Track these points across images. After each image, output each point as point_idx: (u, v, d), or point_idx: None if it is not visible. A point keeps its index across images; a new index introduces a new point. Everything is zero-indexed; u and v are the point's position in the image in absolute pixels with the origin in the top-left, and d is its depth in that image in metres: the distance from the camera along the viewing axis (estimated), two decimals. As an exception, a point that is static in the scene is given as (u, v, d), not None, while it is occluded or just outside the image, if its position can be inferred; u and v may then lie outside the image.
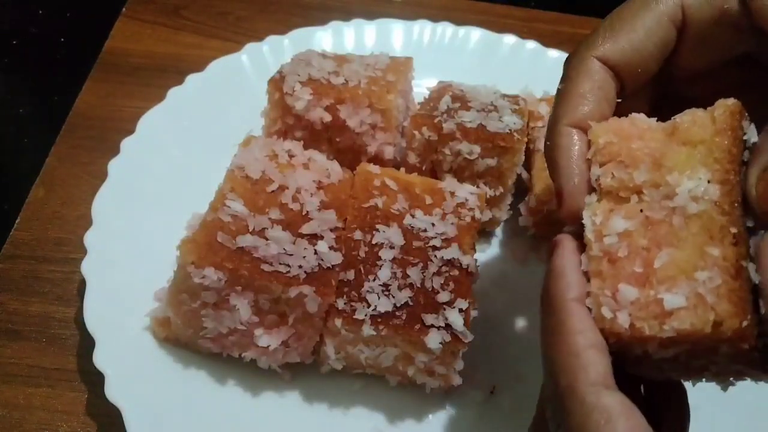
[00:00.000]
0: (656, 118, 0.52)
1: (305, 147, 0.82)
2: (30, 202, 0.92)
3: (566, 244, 0.51)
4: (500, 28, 1.13)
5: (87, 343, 0.73)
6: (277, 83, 0.86)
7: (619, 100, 0.55)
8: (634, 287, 0.47)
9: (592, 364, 0.45)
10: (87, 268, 0.76)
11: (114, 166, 0.86)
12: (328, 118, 0.84)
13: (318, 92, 0.84)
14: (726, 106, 0.49)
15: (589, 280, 0.49)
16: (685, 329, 0.45)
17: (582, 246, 0.51)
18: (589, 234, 0.51)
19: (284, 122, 0.87)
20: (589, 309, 0.48)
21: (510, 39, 1.10)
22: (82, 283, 0.77)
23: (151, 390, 0.71)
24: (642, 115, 0.53)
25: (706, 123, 0.49)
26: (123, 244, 0.80)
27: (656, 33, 0.54)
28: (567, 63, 0.56)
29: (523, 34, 1.11)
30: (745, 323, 0.43)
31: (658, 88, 0.59)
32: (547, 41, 1.12)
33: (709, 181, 0.48)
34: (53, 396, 0.76)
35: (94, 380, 0.72)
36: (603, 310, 0.48)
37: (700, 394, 0.57)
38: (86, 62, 1.08)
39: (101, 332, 0.72)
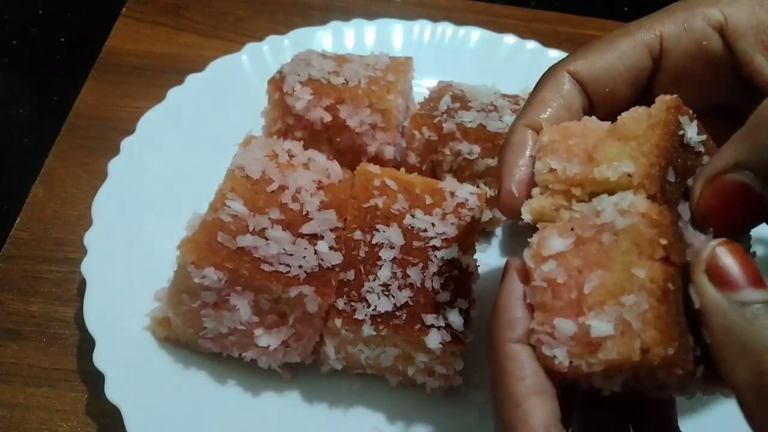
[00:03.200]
0: (611, 122, 0.52)
1: (305, 147, 0.82)
2: (30, 202, 0.92)
3: (511, 273, 0.51)
4: (500, 28, 1.13)
5: (87, 343, 0.73)
6: (277, 83, 0.86)
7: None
8: (570, 320, 0.46)
9: (533, 413, 0.45)
10: (87, 268, 0.76)
11: (114, 166, 0.86)
12: (328, 118, 0.84)
13: (318, 92, 0.84)
14: (664, 101, 0.49)
15: (533, 313, 0.48)
16: (614, 359, 0.43)
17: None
18: (528, 261, 0.49)
19: (284, 122, 0.87)
20: (534, 347, 0.47)
21: (510, 39, 1.10)
22: (82, 283, 0.77)
23: (151, 390, 0.71)
24: (593, 118, 0.53)
25: (643, 118, 0.49)
26: (123, 244, 0.80)
27: (629, 57, 0.55)
28: (543, 74, 0.58)
29: (523, 34, 1.11)
30: (671, 351, 0.41)
31: None
32: (547, 41, 1.12)
33: (635, 192, 0.46)
34: (53, 396, 0.76)
35: (95, 380, 0.72)
36: (544, 349, 0.46)
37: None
38: (86, 62, 1.08)
39: (101, 332, 0.72)
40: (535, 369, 0.47)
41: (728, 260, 0.42)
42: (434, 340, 0.67)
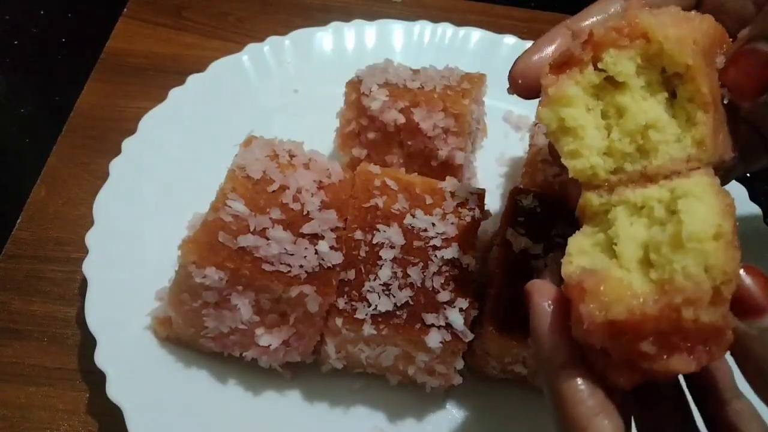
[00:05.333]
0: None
1: (377, 149, 0.83)
2: (31, 202, 0.92)
3: (535, 300, 0.50)
4: (500, 28, 1.14)
5: (88, 343, 0.74)
6: (354, 85, 0.87)
7: None
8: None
9: (602, 426, 0.45)
10: (88, 267, 0.77)
11: (115, 166, 0.86)
12: (401, 120, 0.84)
13: (394, 94, 0.85)
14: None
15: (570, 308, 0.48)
16: None
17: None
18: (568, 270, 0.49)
19: (358, 123, 0.87)
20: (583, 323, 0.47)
21: (510, 39, 1.10)
22: (84, 283, 0.77)
23: (152, 389, 0.71)
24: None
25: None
26: (124, 244, 0.80)
27: None
28: None
29: (523, 34, 1.12)
30: None
31: None
32: (547, 42, 1.12)
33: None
34: (54, 395, 0.76)
35: (96, 379, 0.72)
36: (594, 314, 0.46)
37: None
38: (87, 62, 1.09)
39: (102, 332, 0.72)
40: (592, 390, 0.46)
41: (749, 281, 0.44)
42: (434, 339, 0.67)
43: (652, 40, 0.50)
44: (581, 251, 0.50)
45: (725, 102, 0.52)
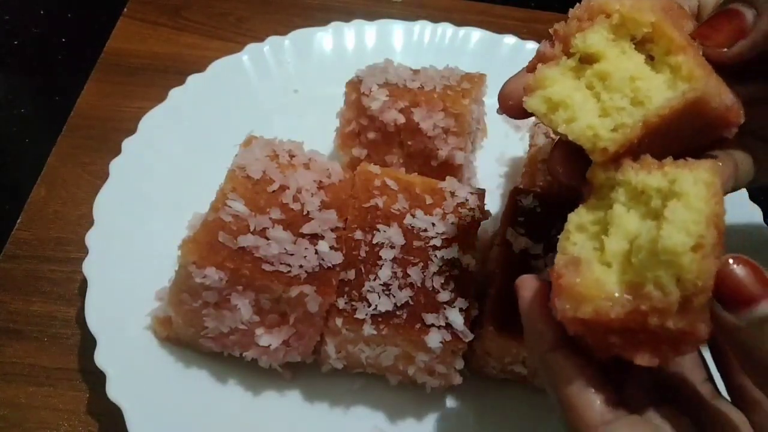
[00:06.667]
0: None
1: (377, 149, 0.83)
2: (31, 201, 0.92)
3: (521, 293, 0.53)
4: (500, 28, 1.14)
5: (88, 343, 0.74)
6: (354, 85, 0.87)
7: None
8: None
9: (586, 411, 0.47)
10: (88, 267, 0.77)
11: (115, 166, 0.86)
12: (401, 120, 0.84)
13: (394, 94, 0.85)
14: None
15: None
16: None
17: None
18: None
19: (358, 123, 0.87)
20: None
21: (510, 39, 1.10)
22: (84, 283, 0.77)
23: (152, 389, 0.71)
24: None
25: None
26: (124, 244, 0.80)
27: None
28: None
29: (523, 34, 1.12)
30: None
31: None
32: (547, 42, 1.12)
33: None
34: (54, 395, 0.76)
35: (96, 379, 0.72)
36: (565, 309, 0.47)
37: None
38: (87, 62, 1.09)
39: (102, 331, 0.72)
40: (577, 370, 0.49)
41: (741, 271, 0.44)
42: (434, 339, 0.67)
43: (611, 13, 0.52)
44: (580, 227, 0.51)
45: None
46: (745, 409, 0.50)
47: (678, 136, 0.53)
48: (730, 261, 0.44)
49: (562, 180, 0.56)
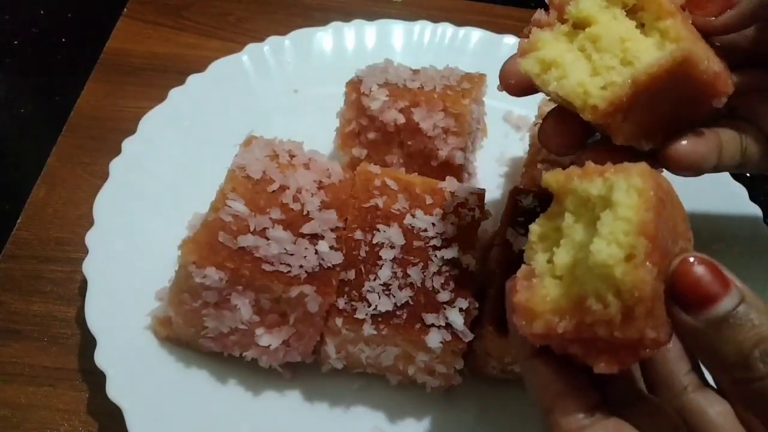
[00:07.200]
0: None
1: (377, 149, 0.83)
2: (31, 202, 0.92)
3: (507, 298, 0.52)
4: (500, 28, 1.14)
5: (88, 343, 0.74)
6: (354, 84, 0.87)
7: None
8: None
9: (562, 417, 0.48)
10: (88, 267, 0.77)
11: (115, 166, 0.86)
12: (401, 120, 0.84)
13: (394, 94, 0.85)
14: None
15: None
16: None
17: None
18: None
19: (358, 123, 0.87)
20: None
21: (510, 39, 1.10)
22: (84, 283, 0.77)
23: (152, 389, 0.71)
24: None
25: None
26: (124, 244, 0.80)
27: None
28: None
29: (523, 35, 1.11)
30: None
31: None
32: (547, 42, 1.12)
33: None
34: (55, 395, 0.76)
35: (96, 380, 0.72)
36: (521, 325, 0.48)
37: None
38: (87, 62, 1.09)
39: (102, 332, 0.72)
40: (554, 376, 0.49)
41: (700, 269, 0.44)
42: (434, 339, 0.67)
43: None
44: (541, 237, 0.51)
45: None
46: (730, 399, 0.50)
47: (668, 103, 0.54)
48: (692, 259, 0.44)
49: (553, 151, 0.57)
